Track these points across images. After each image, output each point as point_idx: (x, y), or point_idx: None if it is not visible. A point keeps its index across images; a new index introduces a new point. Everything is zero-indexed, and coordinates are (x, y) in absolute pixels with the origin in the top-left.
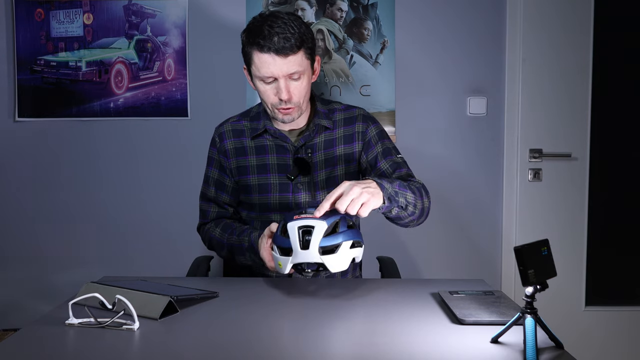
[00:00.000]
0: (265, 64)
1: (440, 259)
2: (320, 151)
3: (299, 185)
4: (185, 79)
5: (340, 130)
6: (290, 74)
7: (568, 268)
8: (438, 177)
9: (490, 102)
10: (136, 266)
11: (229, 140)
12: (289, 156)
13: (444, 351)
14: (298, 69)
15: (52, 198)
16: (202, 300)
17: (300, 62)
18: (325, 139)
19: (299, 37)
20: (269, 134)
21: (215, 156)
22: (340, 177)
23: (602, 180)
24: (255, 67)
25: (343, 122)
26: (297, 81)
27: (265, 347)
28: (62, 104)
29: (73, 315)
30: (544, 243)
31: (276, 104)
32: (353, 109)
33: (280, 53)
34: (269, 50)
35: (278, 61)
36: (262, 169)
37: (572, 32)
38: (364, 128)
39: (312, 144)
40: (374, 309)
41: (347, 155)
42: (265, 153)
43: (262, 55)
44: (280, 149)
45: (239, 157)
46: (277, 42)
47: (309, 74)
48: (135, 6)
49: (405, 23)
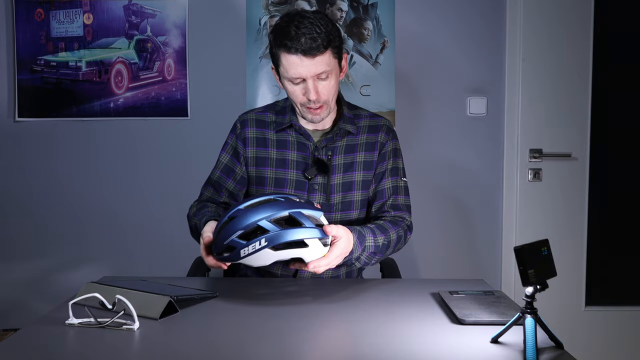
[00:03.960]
0: (293, 66)
1: (440, 259)
2: (341, 155)
3: (315, 186)
4: (185, 79)
5: (363, 137)
6: (318, 74)
7: (568, 268)
8: (438, 177)
9: (490, 102)
10: (136, 266)
11: (250, 128)
12: (309, 155)
13: (444, 351)
14: (326, 69)
15: (52, 198)
16: (202, 300)
17: (328, 61)
18: (347, 144)
19: (326, 36)
20: (293, 130)
21: (231, 141)
22: (357, 183)
23: (602, 180)
24: (283, 68)
25: (367, 130)
26: (325, 81)
27: (265, 347)
28: (62, 104)
29: (73, 315)
30: (544, 243)
31: (305, 103)
32: (379, 118)
33: (307, 54)
34: (297, 52)
35: (306, 62)
36: (281, 163)
37: (572, 32)
38: (385, 140)
39: (334, 146)
40: (374, 309)
41: (367, 163)
42: (286, 148)
43: (289, 56)
44: (301, 146)
45: (259, 148)
46: (304, 43)
47: (336, 72)
48: (135, 6)
49: (405, 23)
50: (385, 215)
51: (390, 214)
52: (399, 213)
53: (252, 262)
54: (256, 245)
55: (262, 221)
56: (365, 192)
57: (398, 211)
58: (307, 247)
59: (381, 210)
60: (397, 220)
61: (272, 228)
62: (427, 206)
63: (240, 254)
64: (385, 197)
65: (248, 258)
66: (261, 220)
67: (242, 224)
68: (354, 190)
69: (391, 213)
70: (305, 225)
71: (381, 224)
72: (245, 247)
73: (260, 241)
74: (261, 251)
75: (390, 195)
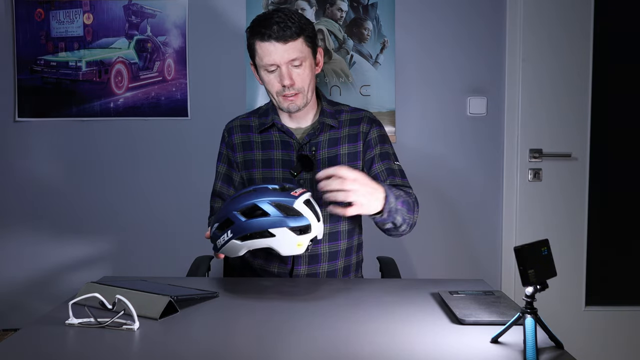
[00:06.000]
0: (267, 52)
1: (440, 259)
2: (325, 149)
3: (302, 182)
4: (185, 79)
5: (345, 130)
6: (291, 60)
7: (568, 268)
8: (438, 177)
9: (490, 102)
10: (136, 266)
11: (236, 134)
12: (293, 152)
13: (444, 351)
14: (299, 55)
15: (52, 198)
16: (202, 300)
17: (301, 48)
18: (330, 138)
19: (299, 25)
20: (275, 129)
21: (224, 151)
22: None
23: (602, 180)
24: (258, 57)
25: (349, 123)
26: (299, 68)
27: (265, 346)
28: (62, 104)
29: (73, 315)
30: (544, 243)
31: (280, 91)
32: (360, 111)
33: (280, 40)
34: (270, 38)
35: (279, 48)
36: (267, 163)
37: (572, 32)
38: (367, 129)
39: (317, 141)
40: (374, 309)
41: (351, 154)
42: (270, 148)
43: (263, 43)
44: (285, 144)
45: (246, 151)
46: (277, 30)
47: (310, 62)
48: (135, 6)
49: (405, 23)
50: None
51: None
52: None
53: (227, 252)
54: (225, 236)
55: (230, 213)
56: None
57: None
58: (275, 236)
59: None
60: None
61: (237, 220)
62: (427, 206)
63: (217, 245)
64: (380, 179)
65: (223, 249)
66: (230, 212)
67: (218, 216)
68: None
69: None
70: (271, 215)
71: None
72: (219, 238)
73: (227, 232)
74: (230, 242)
75: (386, 178)
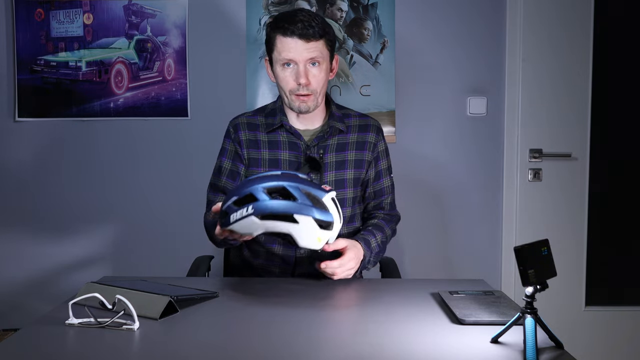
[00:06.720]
0: (287, 47)
1: (440, 259)
2: (332, 153)
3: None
4: (185, 79)
5: (353, 136)
6: (310, 59)
7: (568, 268)
8: (438, 177)
9: (490, 102)
10: (136, 266)
11: (243, 131)
12: (300, 154)
13: (444, 351)
14: (318, 55)
15: (52, 198)
16: (202, 300)
17: (321, 49)
18: (339, 142)
19: (322, 27)
20: (284, 130)
21: (229, 147)
22: (348, 181)
23: (602, 180)
24: (277, 51)
25: (357, 129)
26: (316, 68)
27: (266, 347)
28: (62, 104)
29: (73, 315)
30: (544, 243)
31: (294, 89)
32: (367, 118)
33: (302, 37)
34: (292, 34)
35: (300, 45)
36: (274, 163)
37: (572, 32)
38: (376, 140)
39: (325, 144)
40: (374, 309)
41: (358, 161)
42: (277, 148)
43: (284, 39)
44: (292, 145)
45: (252, 150)
46: (301, 28)
47: (327, 65)
48: (135, 6)
49: (405, 23)
50: (379, 212)
51: (386, 211)
52: (393, 211)
53: (240, 229)
54: (243, 211)
55: (255, 189)
56: (356, 190)
57: (393, 209)
58: (297, 223)
59: (379, 207)
60: (392, 216)
61: (262, 197)
62: (427, 206)
63: (230, 219)
64: (385, 194)
65: (236, 224)
66: (255, 188)
67: (238, 190)
68: (346, 188)
69: (387, 210)
70: (299, 200)
71: (376, 223)
72: (234, 212)
73: (247, 208)
74: (247, 218)
75: (389, 193)
